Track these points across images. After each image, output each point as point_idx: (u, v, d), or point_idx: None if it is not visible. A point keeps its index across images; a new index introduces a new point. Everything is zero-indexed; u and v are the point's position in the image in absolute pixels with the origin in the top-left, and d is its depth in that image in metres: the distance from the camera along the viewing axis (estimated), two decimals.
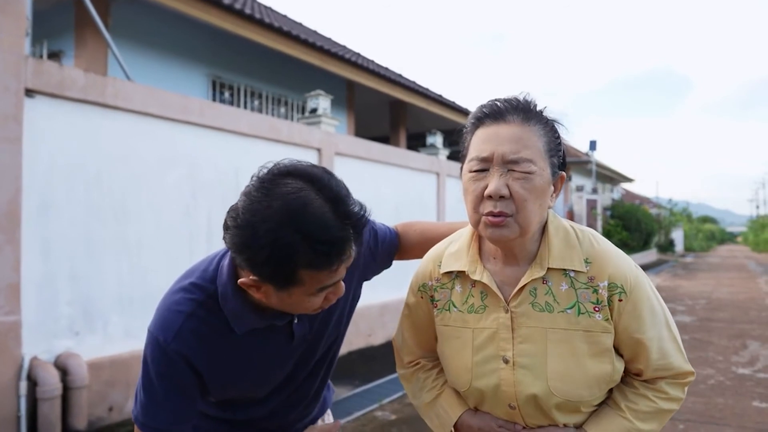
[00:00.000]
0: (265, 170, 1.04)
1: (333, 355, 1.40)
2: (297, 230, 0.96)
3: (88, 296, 3.97)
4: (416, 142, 12.05)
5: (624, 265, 1.16)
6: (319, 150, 6.08)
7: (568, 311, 1.14)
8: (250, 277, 1.05)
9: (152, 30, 7.03)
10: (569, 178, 20.33)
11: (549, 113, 1.18)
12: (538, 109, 1.16)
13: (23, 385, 3.49)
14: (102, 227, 4.05)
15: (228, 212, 1.04)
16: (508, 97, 1.17)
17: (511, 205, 1.10)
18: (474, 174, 1.14)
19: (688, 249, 39.30)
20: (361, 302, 1.51)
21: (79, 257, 3.92)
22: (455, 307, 1.25)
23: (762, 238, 39.59)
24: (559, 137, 1.18)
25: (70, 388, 3.63)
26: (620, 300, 1.13)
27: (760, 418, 4.32)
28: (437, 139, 9.14)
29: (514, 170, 1.10)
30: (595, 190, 20.51)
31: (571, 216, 19.05)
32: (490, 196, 1.10)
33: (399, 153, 7.61)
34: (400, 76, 10.72)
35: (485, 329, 1.20)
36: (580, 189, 19.69)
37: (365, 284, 1.44)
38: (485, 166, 1.12)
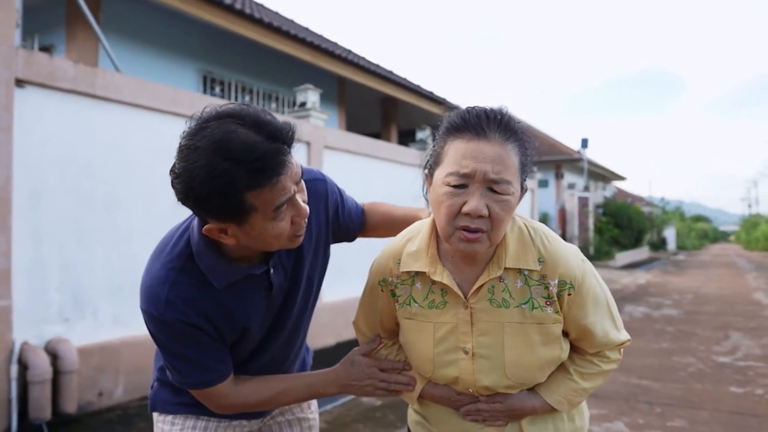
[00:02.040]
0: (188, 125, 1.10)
1: (309, 313, 1.47)
2: (226, 158, 1.02)
3: (78, 283, 4.05)
4: (407, 139, 12.15)
5: (572, 263, 1.24)
6: (308, 143, 6.16)
7: (523, 306, 1.23)
8: (210, 226, 1.11)
9: (143, 25, 7.09)
10: (561, 176, 20.46)
11: (522, 128, 1.21)
12: (515, 124, 1.19)
13: (14, 369, 3.57)
14: (92, 216, 4.13)
15: (169, 173, 1.09)
16: (489, 109, 1.19)
17: (488, 222, 1.14)
18: (452, 189, 1.15)
19: (681, 247, 39.56)
20: (350, 294, 1.58)
21: (69, 245, 4.00)
22: (416, 302, 1.31)
23: (754, 237, 39.88)
24: (529, 154, 1.23)
25: (60, 373, 3.71)
26: (569, 294, 1.23)
27: (735, 402, 4.44)
28: (427, 134, 9.24)
29: (493, 189, 1.14)
30: (586, 188, 20.66)
31: (562, 213, 19.19)
32: (468, 214, 1.13)
33: (388, 147, 7.70)
34: (391, 72, 10.80)
35: (446, 323, 1.27)
36: (571, 187, 19.83)
37: (354, 274, 1.50)
38: (465, 182, 1.14)
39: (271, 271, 1.28)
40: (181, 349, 1.23)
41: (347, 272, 4.96)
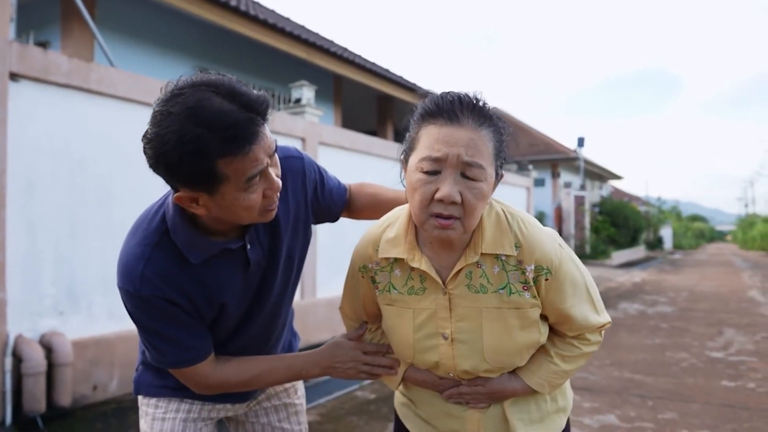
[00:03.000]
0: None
1: (291, 292, 1.47)
2: (198, 124, 1.02)
3: (73, 277, 4.06)
4: (403, 137, 12.16)
5: (549, 248, 1.24)
6: (303, 139, 6.18)
7: (501, 291, 1.24)
8: (180, 194, 1.11)
9: (139, 22, 7.10)
10: (558, 175, 20.50)
11: (497, 114, 1.20)
12: (489, 110, 1.18)
13: (8, 361, 3.58)
14: (86, 210, 4.14)
15: (141, 139, 1.09)
16: (462, 94, 1.18)
17: (461, 209, 1.14)
18: (425, 175, 1.15)
19: (677, 246, 39.64)
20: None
21: (63, 239, 4.01)
22: (395, 289, 1.31)
23: (750, 236, 39.95)
24: (504, 140, 1.22)
25: (54, 365, 3.72)
26: (546, 279, 1.23)
27: (726, 395, 4.47)
28: None
29: (466, 175, 1.13)
30: (583, 187, 20.69)
31: (559, 212, 19.22)
32: (441, 200, 1.13)
33: (384, 144, 7.72)
34: (387, 70, 10.82)
35: (425, 309, 1.28)
36: (568, 185, 19.86)
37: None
38: (438, 167, 1.14)
39: (248, 246, 1.27)
40: (158, 326, 1.22)
41: (343, 268, 4.95)
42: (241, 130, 1.05)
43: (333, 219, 1.58)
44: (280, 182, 1.18)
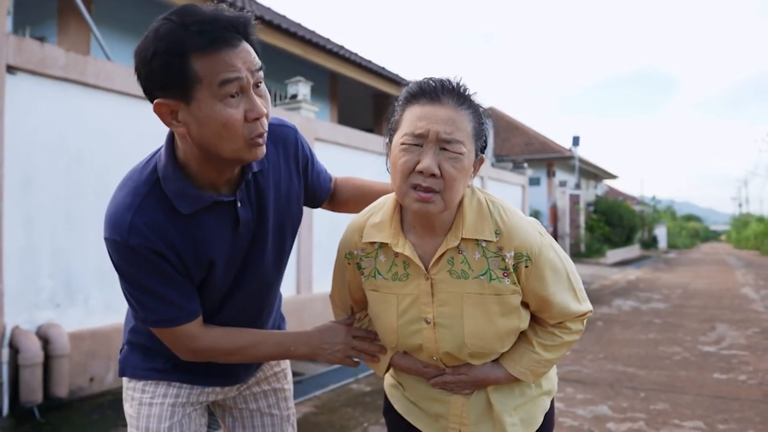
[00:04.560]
0: None
1: (281, 268, 1.46)
2: (174, 22, 1.07)
3: (69, 270, 4.08)
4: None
5: (529, 235, 1.26)
6: None
7: (481, 277, 1.26)
8: (158, 100, 1.12)
9: (135, 19, 7.11)
10: (553, 174, 20.58)
11: (477, 99, 1.25)
12: (469, 94, 1.24)
13: (5, 353, 3.60)
14: (83, 203, 4.16)
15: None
16: (443, 78, 1.24)
17: (440, 182, 1.18)
18: (406, 147, 1.20)
19: (672, 246, 39.81)
20: None
21: (60, 232, 4.03)
22: (380, 274, 1.34)
23: (744, 236, 40.17)
24: (484, 123, 1.27)
25: (51, 357, 3.74)
26: (526, 266, 1.25)
27: (718, 387, 4.52)
28: None
29: (446, 149, 1.18)
30: (578, 186, 20.78)
31: (554, 211, 19.30)
32: (421, 172, 1.17)
33: (379, 141, 7.74)
34: (383, 68, 10.85)
35: (408, 295, 1.31)
36: (563, 184, 19.94)
37: None
38: (419, 142, 1.19)
39: (239, 204, 1.26)
40: (146, 281, 1.20)
41: None
42: (216, 29, 1.07)
43: (315, 204, 1.57)
44: (264, 110, 1.14)
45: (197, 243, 1.23)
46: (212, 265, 1.27)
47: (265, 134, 1.18)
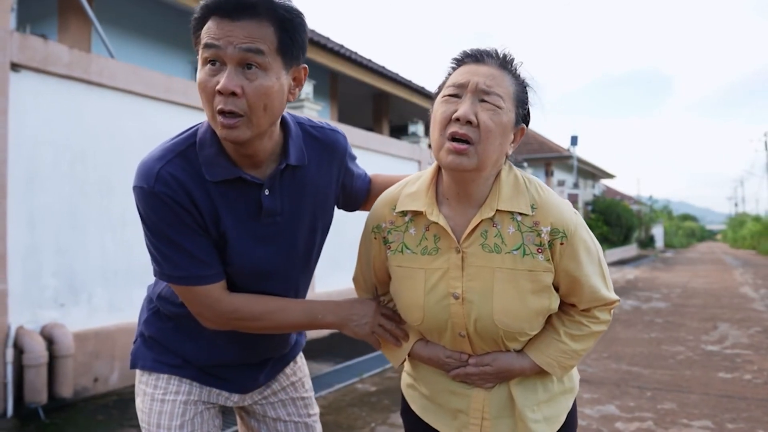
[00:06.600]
0: None
1: (311, 266, 1.45)
2: None
3: (73, 269, 4.05)
4: (399, 134, 12.18)
5: (566, 212, 1.24)
6: None
7: (515, 252, 1.23)
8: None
9: (136, 16, 7.07)
10: (551, 173, 20.60)
11: (523, 72, 1.26)
12: (514, 61, 1.26)
13: (9, 353, 3.57)
14: (87, 202, 4.12)
15: None
16: (492, 47, 1.26)
17: (476, 132, 1.16)
18: (446, 98, 1.21)
19: (669, 245, 39.90)
20: (345, 285, 1.55)
21: (64, 230, 3.99)
22: (408, 249, 1.31)
23: (740, 235, 40.29)
24: (526, 93, 1.27)
25: (55, 357, 3.71)
26: (561, 243, 1.23)
27: (723, 386, 4.51)
28: (419, 128, 9.28)
29: (485, 101, 1.18)
30: (576, 185, 20.81)
31: None
32: (458, 119, 1.17)
33: (380, 140, 7.74)
34: (383, 68, 10.81)
35: (437, 269, 1.27)
36: (561, 184, 19.97)
37: (348, 265, 1.43)
38: (459, 92, 1.20)
39: (266, 192, 1.27)
40: (170, 231, 1.21)
41: (341, 262, 4.99)
42: (228, 2, 1.13)
43: (352, 209, 1.57)
44: (228, 87, 1.12)
45: (215, 207, 1.24)
46: (224, 236, 1.26)
47: (231, 117, 1.14)
